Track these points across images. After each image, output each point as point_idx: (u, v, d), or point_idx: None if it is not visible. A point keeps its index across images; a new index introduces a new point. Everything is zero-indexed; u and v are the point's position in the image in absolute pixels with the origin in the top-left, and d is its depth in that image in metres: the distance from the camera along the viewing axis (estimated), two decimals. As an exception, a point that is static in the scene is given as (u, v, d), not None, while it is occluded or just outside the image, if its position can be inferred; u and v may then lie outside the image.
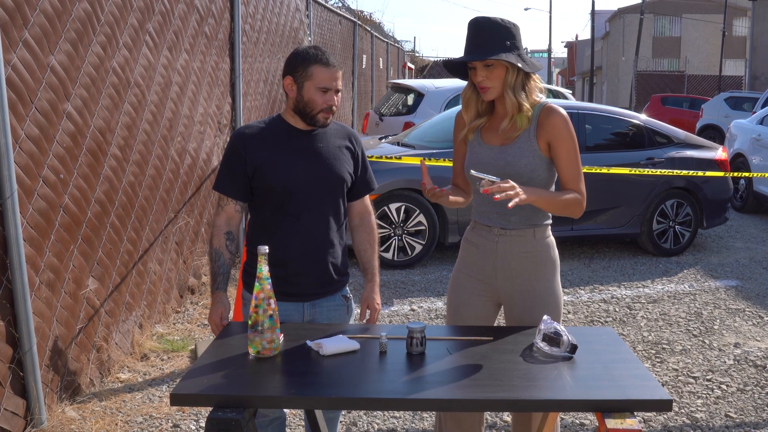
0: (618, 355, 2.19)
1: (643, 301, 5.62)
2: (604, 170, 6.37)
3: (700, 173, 6.77)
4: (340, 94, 2.50)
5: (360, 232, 2.70)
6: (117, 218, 4.00)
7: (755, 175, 7.86)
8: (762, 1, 21.77)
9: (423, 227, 6.32)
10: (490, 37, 2.34)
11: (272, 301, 2.11)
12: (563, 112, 2.42)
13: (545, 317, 2.22)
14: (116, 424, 3.46)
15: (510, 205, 2.13)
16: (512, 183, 2.16)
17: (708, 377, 4.18)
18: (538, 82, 2.44)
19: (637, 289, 5.94)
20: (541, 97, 2.47)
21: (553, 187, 2.51)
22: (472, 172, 2.27)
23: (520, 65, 2.34)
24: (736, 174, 7.67)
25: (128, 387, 3.87)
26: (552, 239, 2.55)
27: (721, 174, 6.97)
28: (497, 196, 2.12)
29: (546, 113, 2.40)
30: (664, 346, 4.68)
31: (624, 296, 5.74)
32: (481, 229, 2.52)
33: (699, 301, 5.63)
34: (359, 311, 2.71)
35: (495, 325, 2.61)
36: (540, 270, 2.49)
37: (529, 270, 2.48)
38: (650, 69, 35.80)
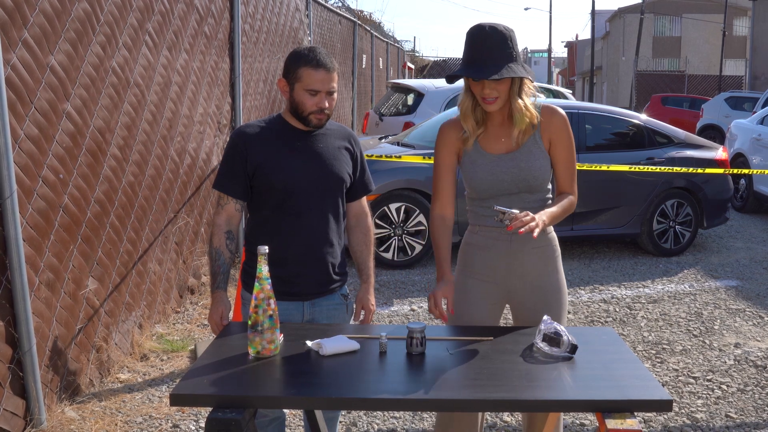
0: (618, 355, 2.19)
1: (643, 301, 5.62)
2: (604, 167, 6.37)
3: (699, 170, 6.76)
4: (335, 95, 2.48)
5: (356, 233, 2.70)
6: (117, 218, 4.00)
7: (755, 172, 7.86)
8: (762, 1, 21.77)
9: (423, 227, 6.32)
10: (498, 50, 2.30)
11: (272, 301, 2.11)
12: (563, 111, 2.48)
13: (545, 317, 2.22)
14: (116, 425, 3.46)
15: (535, 235, 2.21)
16: (531, 215, 2.23)
17: (708, 377, 4.18)
18: (530, 83, 2.45)
19: (637, 289, 5.94)
20: (535, 97, 2.47)
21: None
22: (496, 207, 2.30)
23: (530, 78, 2.37)
24: (735, 171, 7.67)
25: (128, 387, 3.87)
26: (554, 233, 2.61)
27: (720, 171, 6.97)
28: (522, 230, 2.19)
29: (548, 113, 2.45)
30: (665, 346, 4.67)
31: (624, 296, 5.74)
32: (489, 231, 2.50)
33: (699, 301, 5.63)
34: (358, 311, 2.71)
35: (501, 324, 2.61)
36: (549, 264, 2.54)
37: (540, 265, 2.52)
38: (650, 69, 35.81)
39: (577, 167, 2.58)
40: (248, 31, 6.55)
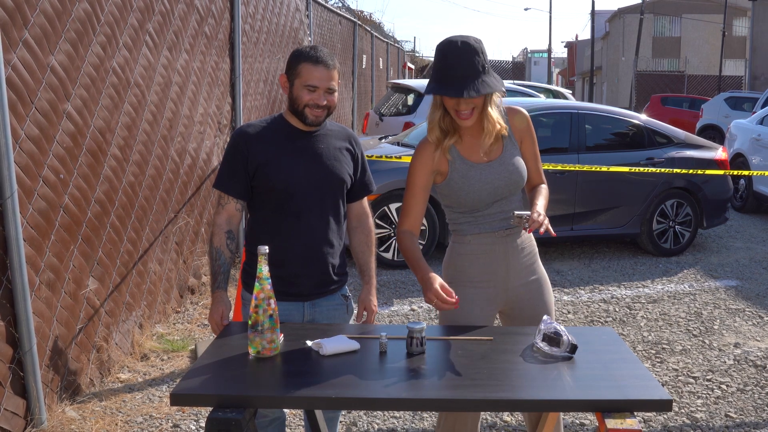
0: (618, 355, 2.19)
1: (643, 301, 5.62)
2: (604, 169, 6.37)
3: (699, 171, 6.77)
4: (335, 95, 2.48)
5: (357, 233, 2.70)
6: (117, 218, 4.00)
7: (755, 173, 7.86)
8: (762, 1, 21.77)
9: (423, 227, 6.32)
10: (471, 65, 2.28)
11: (272, 301, 2.11)
12: (524, 109, 2.59)
13: (545, 317, 2.22)
14: (116, 424, 3.46)
15: (552, 231, 2.32)
16: (540, 213, 2.34)
17: (708, 377, 4.18)
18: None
19: (637, 289, 5.94)
20: (500, 108, 2.49)
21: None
22: (516, 213, 2.34)
23: (503, 90, 2.38)
24: (735, 172, 7.67)
25: (128, 387, 3.87)
26: None
27: (720, 172, 6.98)
28: (542, 230, 2.29)
29: (513, 114, 2.53)
30: (664, 346, 4.68)
31: (624, 296, 5.74)
32: (485, 238, 2.51)
33: (699, 301, 5.64)
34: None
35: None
36: (535, 257, 2.62)
37: (531, 259, 2.59)
38: (650, 69, 35.80)
39: (577, 168, 2.61)
40: (248, 32, 6.56)
